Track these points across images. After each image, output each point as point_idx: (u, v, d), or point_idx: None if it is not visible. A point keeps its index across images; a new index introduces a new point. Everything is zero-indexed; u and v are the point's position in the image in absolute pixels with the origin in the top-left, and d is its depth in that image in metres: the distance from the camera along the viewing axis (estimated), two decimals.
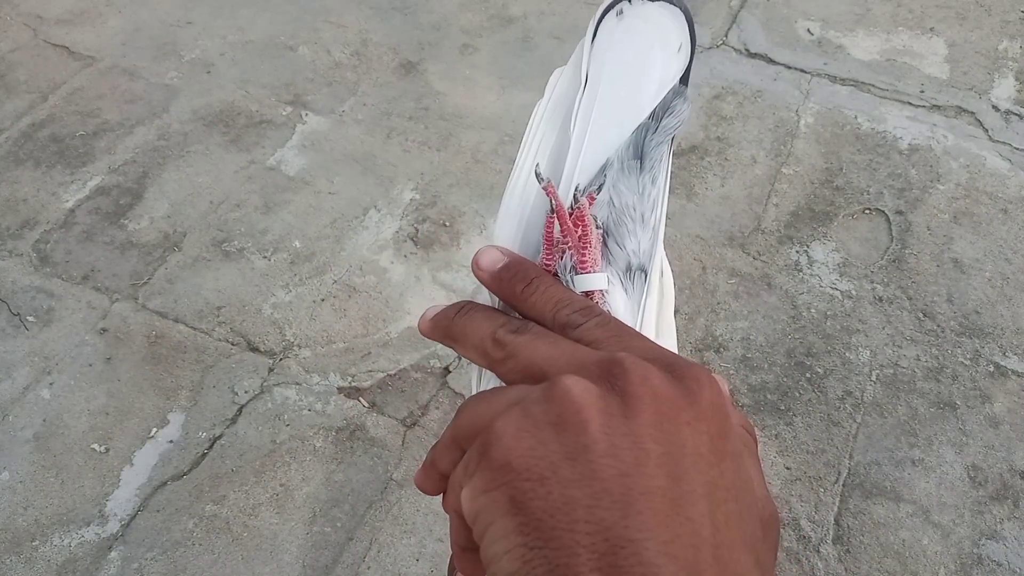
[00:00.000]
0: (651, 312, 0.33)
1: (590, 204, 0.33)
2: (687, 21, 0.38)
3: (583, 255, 0.33)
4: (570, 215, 0.33)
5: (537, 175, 0.34)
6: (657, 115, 0.36)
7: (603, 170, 0.35)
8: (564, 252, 0.33)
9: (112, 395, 1.35)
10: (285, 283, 1.50)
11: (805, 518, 1.21)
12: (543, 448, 0.26)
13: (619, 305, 0.33)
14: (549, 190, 0.33)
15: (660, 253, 0.35)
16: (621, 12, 0.38)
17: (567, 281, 0.33)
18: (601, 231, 0.34)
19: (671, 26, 0.38)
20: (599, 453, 0.25)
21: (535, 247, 0.35)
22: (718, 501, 0.25)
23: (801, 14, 2.04)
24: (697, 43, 0.38)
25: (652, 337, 0.33)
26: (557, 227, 0.33)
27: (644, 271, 0.34)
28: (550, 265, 0.33)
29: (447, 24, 2.04)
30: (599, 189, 0.34)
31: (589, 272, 0.33)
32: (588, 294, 0.32)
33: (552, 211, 0.33)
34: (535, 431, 0.26)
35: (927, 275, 1.50)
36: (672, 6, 0.39)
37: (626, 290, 0.34)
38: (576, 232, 0.33)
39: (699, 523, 0.24)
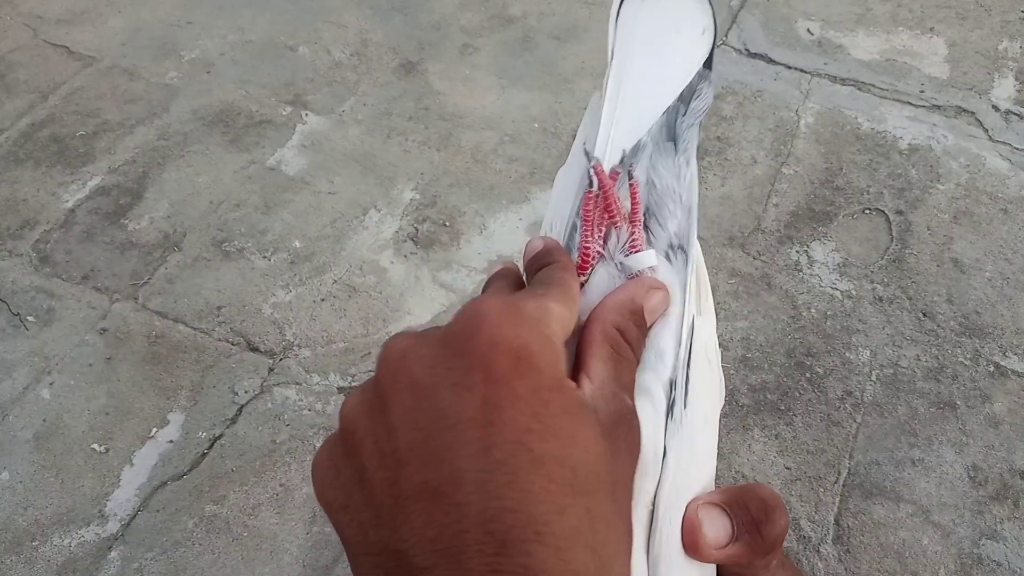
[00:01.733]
0: (692, 289, 0.33)
1: (615, 177, 0.33)
2: (710, 5, 0.39)
3: (635, 235, 0.33)
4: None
5: (586, 154, 0.34)
6: (685, 98, 0.37)
7: (635, 151, 0.36)
8: (609, 231, 0.33)
9: (112, 395, 1.35)
10: (285, 283, 1.50)
11: (805, 518, 1.21)
12: (338, 479, 0.26)
13: (665, 280, 0.33)
14: (598, 169, 0.33)
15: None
16: None
17: (618, 263, 0.33)
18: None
19: (695, 9, 0.38)
20: (373, 468, 0.25)
21: (571, 230, 0.35)
22: (496, 462, 0.23)
23: (801, 14, 2.04)
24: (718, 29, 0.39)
25: (694, 315, 0.33)
26: (595, 206, 0.33)
27: (684, 250, 0.34)
28: (588, 247, 0.33)
29: (447, 24, 2.04)
30: (629, 173, 0.34)
31: (641, 251, 0.33)
32: (637, 272, 0.33)
33: (591, 188, 0.33)
34: (331, 463, 0.26)
35: (927, 275, 1.50)
36: None
37: (671, 268, 0.34)
38: (627, 212, 0.33)
39: (465, 504, 0.23)
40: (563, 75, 1.89)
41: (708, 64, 0.38)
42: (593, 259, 0.33)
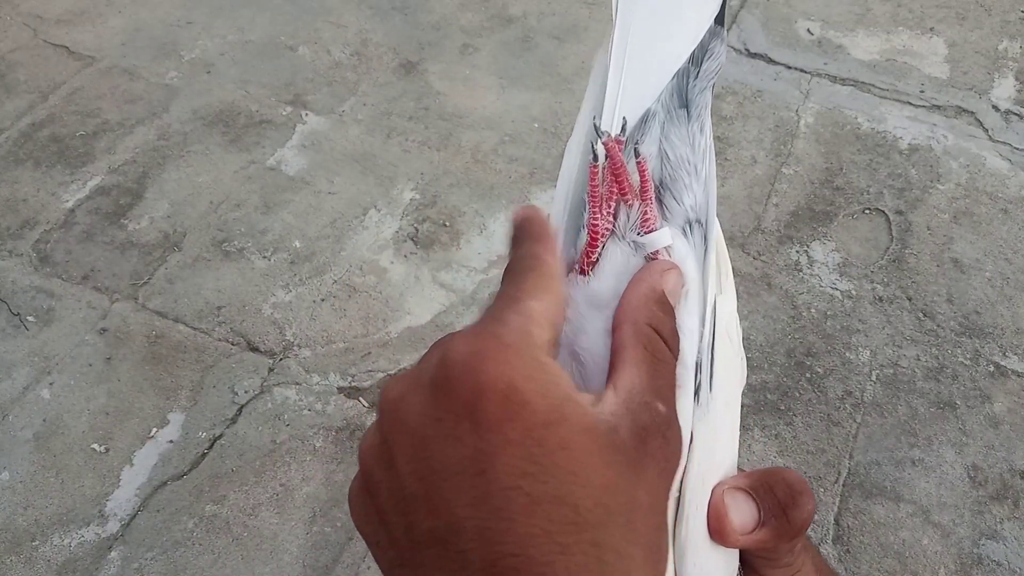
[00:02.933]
0: (712, 268, 0.32)
1: (620, 144, 0.31)
2: None
3: (647, 213, 0.31)
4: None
5: (596, 128, 0.32)
6: (696, 59, 0.34)
7: (644, 120, 0.33)
8: (618, 209, 0.31)
9: (112, 395, 1.35)
10: (285, 283, 1.50)
11: None
12: (367, 516, 0.27)
13: (683, 259, 0.31)
14: (608, 144, 0.31)
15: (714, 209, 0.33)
16: None
17: (630, 242, 0.31)
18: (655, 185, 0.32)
19: None
20: (390, 512, 0.25)
21: (578, 206, 0.33)
22: (493, 509, 0.23)
23: (801, 14, 2.04)
24: None
25: (714, 293, 0.32)
26: (602, 181, 0.31)
27: (702, 224, 0.32)
28: (596, 222, 0.31)
29: (447, 24, 2.04)
30: (634, 147, 0.32)
31: (654, 230, 0.31)
32: (654, 253, 0.31)
33: (595, 161, 0.31)
34: (359, 499, 0.27)
35: (927, 275, 1.50)
36: None
37: (688, 244, 0.32)
38: (636, 188, 0.31)
39: (468, 551, 0.23)
40: (563, 75, 1.89)
41: (719, 20, 0.35)
42: (603, 236, 0.31)
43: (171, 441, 1.30)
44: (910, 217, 1.59)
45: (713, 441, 0.30)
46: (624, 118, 0.32)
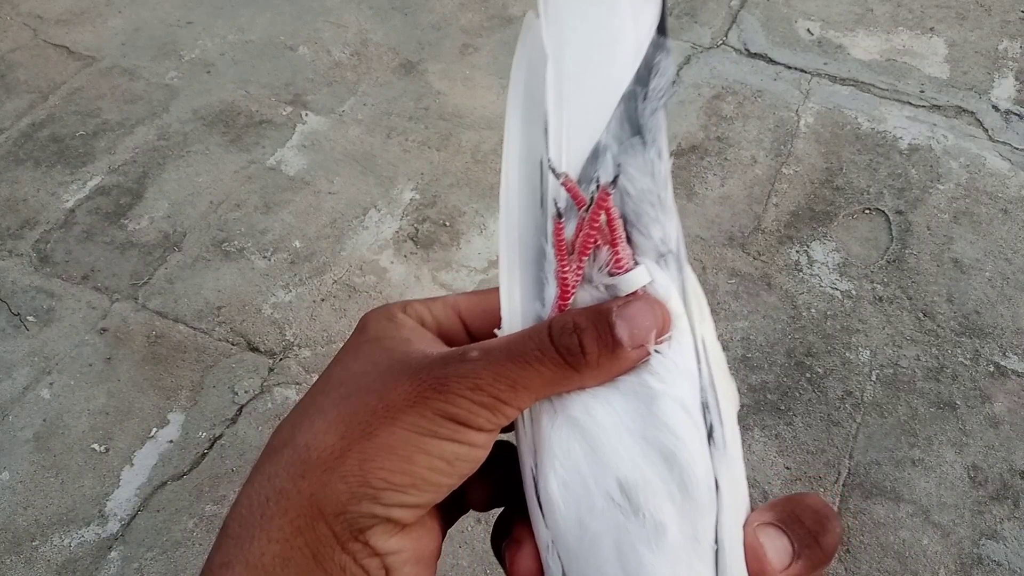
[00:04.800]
0: (692, 298, 0.31)
1: (608, 197, 0.29)
2: None
3: (618, 253, 0.29)
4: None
5: (553, 170, 0.30)
6: (643, 78, 0.31)
7: (595, 157, 0.30)
8: (588, 255, 0.29)
9: (112, 395, 1.35)
10: (285, 283, 1.50)
11: None
12: None
13: (667, 296, 0.30)
14: (568, 186, 0.29)
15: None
16: None
17: (600, 285, 0.30)
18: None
19: None
20: None
21: (534, 257, 0.31)
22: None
23: (801, 14, 2.04)
24: (667, 22, 0.33)
25: (696, 322, 0.30)
26: (569, 230, 0.30)
27: (674, 254, 0.30)
28: (566, 274, 0.29)
29: (447, 24, 2.04)
30: (614, 182, 0.29)
31: (628, 271, 0.29)
32: (630, 294, 0.29)
33: (560, 216, 0.29)
34: None
35: (927, 275, 1.50)
36: None
37: (668, 277, 0.30)
38: (606, 230, 0.29)
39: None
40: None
41: (662, 30, 0.31)
42: (572, 287, 0.30)
43: (171, 441, 1.30)
44: (910, 217, 1.59)
45: (737, 481, 0.29)
46: (618, 164, 0.30)
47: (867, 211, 1.61)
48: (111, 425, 1.32)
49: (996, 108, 1.79)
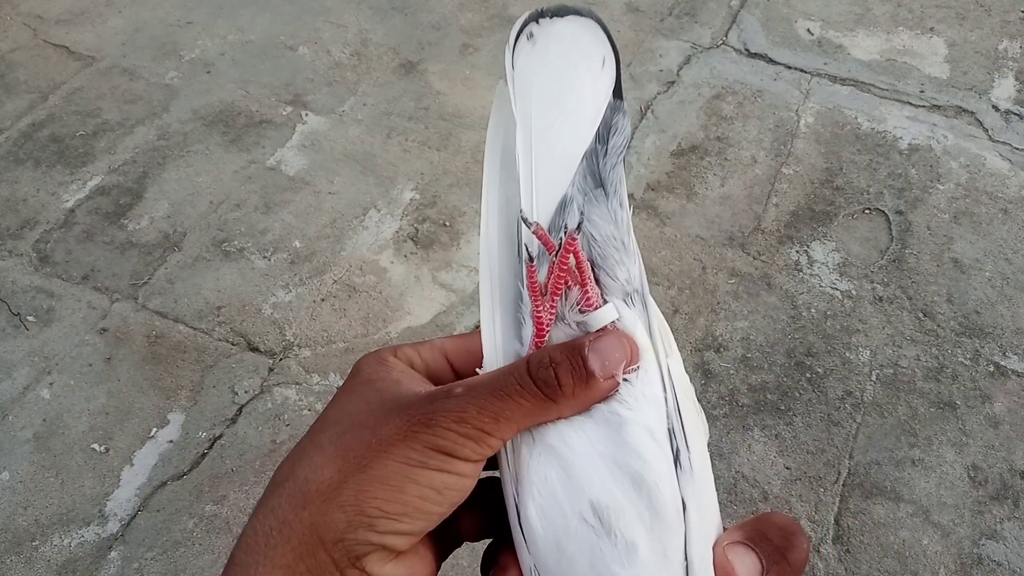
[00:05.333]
0: (657, 332, 0.33)
1: (575, 241, 0.32)
2: (603, 30, 0.36)
3: (587, 292, 0.32)
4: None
5: (524, 220, 0.32)
6: (602, 136, 0.35)
7: (562, 208, 0.34)
8: (559, 295, 0.32)
9: (112, 395, 1.35)
10: (285, 283, 1.50)
11: (805, 518, 1.21)
12: None
13: (633, 329, 0.32)
14: (539, 233, 0.32)
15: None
16: (532, 35, 0.37)
17: (572, 323, 0.32)
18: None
19: (588, 40, 0.36)
20: None
21: (512, 299, 0.34)
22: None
23: (801, 14, 2.04)
24: (620, 54, 0.37)
25: (662, 355, 0.33)
26: (542, 274, 0.32)
27: (639, 292, 0.34)
28: (540, 314, 0.32)
29: (447, 24, 2.04)
30: (578, 228, 0.32)
31: (597, 307, 0.32)
32: (600, 330, 0.32)
33: (531, 259, 0.32)
34: None
35: (927, 275, 1.50)
36: (582, 18, 0.36)
37: (634, 313, 0.33)
38: (575, 272, 0.32)
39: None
40: None
41: (618, 93, 0.36)
42: (547, 325, 0.32)
43: (171, 441, 1.30)
44: (910, 217, 1.59)
45: (704, 501, 0.31)
46: (582, 212, 0.33)
47: (867, 211, 1.61)
48: (111, 425, 1.32)
49: (996, 108, 1.79)
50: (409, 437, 0.30)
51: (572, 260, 0.32)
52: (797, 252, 1.54)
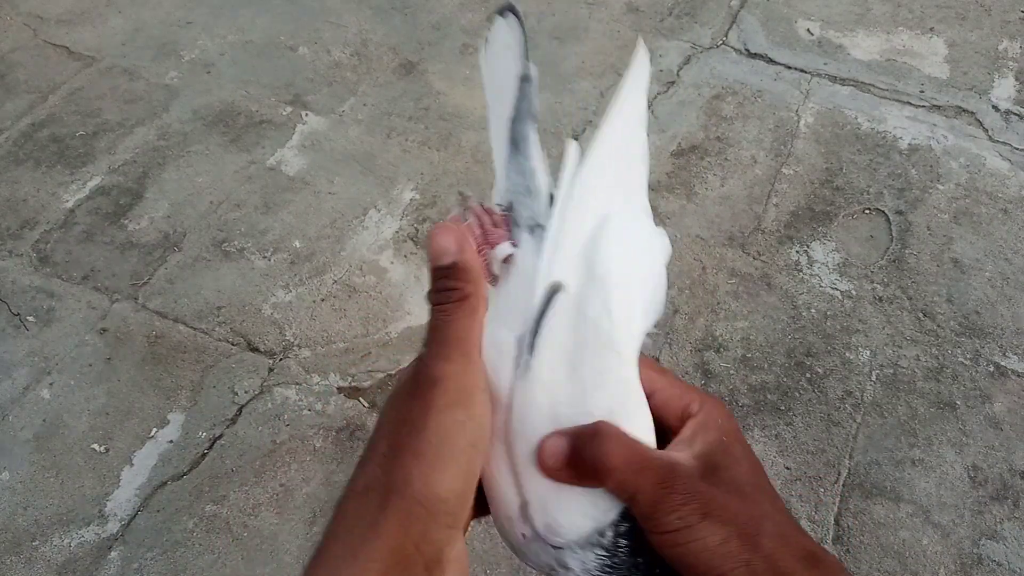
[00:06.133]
0: (566, 243, 0.40)
1: (468, 209, 0.41)
2: (513, 13, 0.44)
3: (491, 236, 0.42)
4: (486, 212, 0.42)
5: (461, 194, 0.40)
6: (517, 106, 0.44)
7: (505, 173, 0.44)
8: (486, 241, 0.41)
9: (112, 395, 1.35)
10: (285, 283, 1.50)
11: (805, 518, 1.21)
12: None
13: (524, 254, 0.40)
14: (454, 218, 0.42)
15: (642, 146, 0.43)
16: (486, 40, 0.46)
17: (489, 256, 0.41)
18: (505, 213, 0.42)
19: (506, 29, 0.45)
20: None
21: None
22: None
23: (801, 14, 2.04)
24: (519, 24, 0.43)
25: (552, 275, 0.39)
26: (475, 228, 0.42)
27: (541, 226, 0.41)
28: (483, 250, 0.41)
29: (447, 24, 2.04)
30: (510, 208, 0.42)
31: (496, 245, 0.41)
32: (506, 259, 0.40)
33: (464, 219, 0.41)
34: None
35: (927, 275, 1.50)
36: (504, 15, 0.45)
37: (530, 243, 0.41)
38: (485, 221, 0.42)
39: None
40: (563, 75, 1.89)
41: (526, 78, 0.44)
42: (488, 264, 0.41)
43: (171, 441, 1.30)
44: (910, 217, 1.59)
45: (531, 398, 0.38)
46: (511, 201, 0.43)
47: (867, 211, 1.61)
48: (111, 425, 1.32)
49: (996, 108, 1.79)
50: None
51: (475, 223, 0.42)
52: (797, 252, 1.54)
